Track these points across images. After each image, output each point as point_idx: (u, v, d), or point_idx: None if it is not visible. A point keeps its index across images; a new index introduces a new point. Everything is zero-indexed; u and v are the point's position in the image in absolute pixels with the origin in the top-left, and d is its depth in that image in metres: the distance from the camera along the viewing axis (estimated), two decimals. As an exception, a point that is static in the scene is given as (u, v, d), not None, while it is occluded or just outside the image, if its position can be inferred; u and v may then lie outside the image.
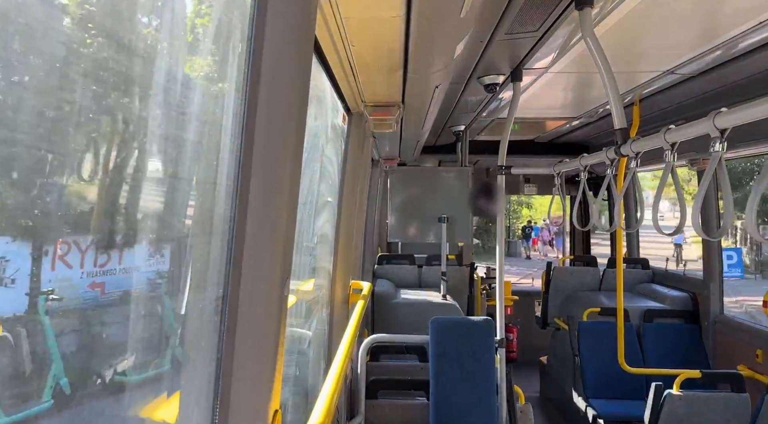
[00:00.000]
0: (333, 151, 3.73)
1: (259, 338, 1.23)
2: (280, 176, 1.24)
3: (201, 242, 1.40)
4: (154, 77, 1.26)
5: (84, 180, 1.12)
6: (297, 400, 3.27)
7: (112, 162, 1.18)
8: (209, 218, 1.40)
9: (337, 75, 2.76)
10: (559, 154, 6.55)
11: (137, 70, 1.20)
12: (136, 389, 1.27)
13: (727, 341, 5.34)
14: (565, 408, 6.33)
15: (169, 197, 1.36)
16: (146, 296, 1.35)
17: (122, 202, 1.23)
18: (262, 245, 1.22)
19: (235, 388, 1.20)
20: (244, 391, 1.21)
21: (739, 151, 4.85)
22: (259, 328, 1.23)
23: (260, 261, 1.22)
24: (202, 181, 1.46)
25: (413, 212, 6.23)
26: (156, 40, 1.27)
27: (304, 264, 3.39)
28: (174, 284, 1.40)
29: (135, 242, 1.27)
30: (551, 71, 3.96)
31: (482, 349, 4.10)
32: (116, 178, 1.20)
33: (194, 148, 1.44)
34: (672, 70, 3.81)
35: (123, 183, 1.22)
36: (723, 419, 4.03)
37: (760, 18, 2.82)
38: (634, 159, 2.75)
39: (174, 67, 1.36)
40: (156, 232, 1.33)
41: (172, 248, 1.38)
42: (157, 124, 1.28)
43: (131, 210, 1.26)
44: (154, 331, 1.39)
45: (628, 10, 2.75)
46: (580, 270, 7.77)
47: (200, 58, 1.49)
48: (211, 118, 1.49)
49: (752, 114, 1.90)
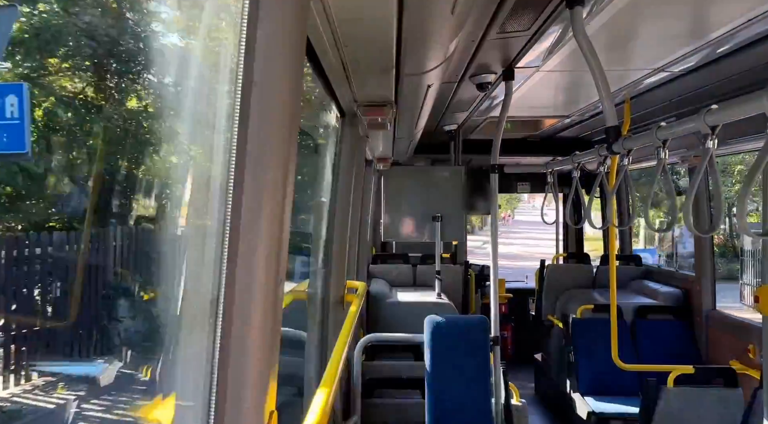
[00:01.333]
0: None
1: (254, 338, 1.24)
2: (274, 177, 1.25)
3: (196, 242, 1.40)
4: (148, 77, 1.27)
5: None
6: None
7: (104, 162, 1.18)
8: (204, 218, 1.41)
9: (330, 76, 2.76)
10: (552, 153, 6.58)
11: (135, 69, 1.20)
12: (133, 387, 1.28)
13: (719, 337, 5.38)
14: (559, 405, 6.35)
15: (164, 198, 1.36)
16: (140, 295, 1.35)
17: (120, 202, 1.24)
18: (257, 246, 1.22)
19: (230, 389, 1.20)
20: (239, 392, 1.21)
21: (730, 148, 4.89)
22: (255, 328, 1.24)
23: (255, 261, 1.22)
24: (195, 182, 1.46)
25: (407, 211, 6.23)
26: (150, 38, 1.28)
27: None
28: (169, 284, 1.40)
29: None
30: (543, 70, 3.98)
31: (477, 347, 4.11)
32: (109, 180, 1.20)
33: (187, 149, 1.45)
34: (662, 67, 3.84)
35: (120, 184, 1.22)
36: (716, 413, 4.06)
37: (749, 15, 2.84)
38: (626, 156, 2.77)
39: (167, 67, 1.36)
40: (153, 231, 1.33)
41: (167, 249, 1.38)
42: (152, 123, 1.28)
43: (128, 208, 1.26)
44: (150, 331, 1.39)
45: (619, 8, 2.76)
46: (573, 267, 7.80)
47: (192, 57, 1.49)
48: (204, 119, 1.49)
49: (742, 111, 1.92)
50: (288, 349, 3.30)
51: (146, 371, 1.30)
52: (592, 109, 5.47)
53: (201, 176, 1.46)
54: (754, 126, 3.84)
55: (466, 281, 7.16)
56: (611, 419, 5.08)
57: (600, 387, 5.45)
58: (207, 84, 1.53)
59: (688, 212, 2.28)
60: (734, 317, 5.38)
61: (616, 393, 5.36)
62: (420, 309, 5.47)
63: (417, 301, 5.92)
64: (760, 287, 3.31)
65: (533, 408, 6.60)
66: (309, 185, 4.56)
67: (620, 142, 2.69)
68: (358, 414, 4.07)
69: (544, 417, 6.70)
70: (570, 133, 6.97)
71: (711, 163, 2.06)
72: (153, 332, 1.34)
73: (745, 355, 4.64)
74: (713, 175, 2.08)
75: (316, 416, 2.03)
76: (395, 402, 4.22)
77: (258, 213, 1.22)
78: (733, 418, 3.97)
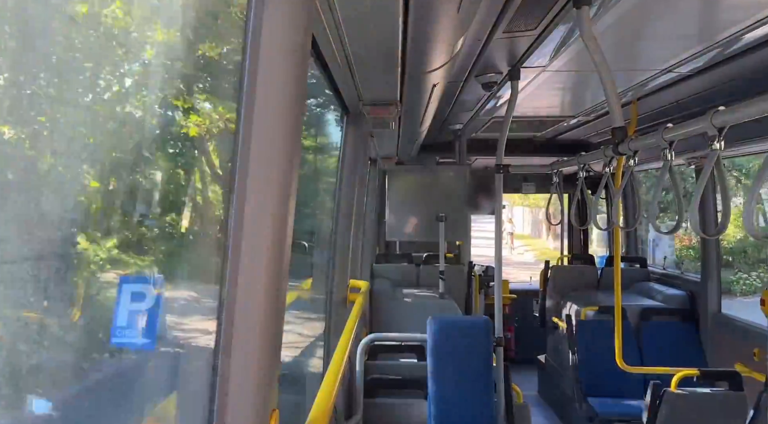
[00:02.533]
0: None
1: (256, 336, 1.23)
2: (277, 175, 1.24)
3: (200, 241, 1.40)
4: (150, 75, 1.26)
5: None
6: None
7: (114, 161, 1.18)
8: (207, 217, 1.40)
9: (335, 74, 2.76)
10: (558, 153, 6.55)
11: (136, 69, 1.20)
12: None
13: (724, 340, 5.35)
14: (563, 407, 6.34)
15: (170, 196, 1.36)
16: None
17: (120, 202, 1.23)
18: (260, 245, 1.22)
19: (233, 387, 1.20)
20: (242, 390, 1.21)
21: (738, 150, 4.86)
22: (257, 327, 1.23)
23: (258, 260, 1.21)
24: (200, 180, 1.46)
25: (411, 210, 6.22)
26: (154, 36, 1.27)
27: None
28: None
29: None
30: (549, 70, 3.96)
31: (480, 348, 4.10)
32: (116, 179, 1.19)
33: (191, 146, 1.44)
34: (670, 68, 3.81)
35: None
36: (720, 417, 4.04)
37: (758, 16, 2.81)
38: (632, 158, 2.75)
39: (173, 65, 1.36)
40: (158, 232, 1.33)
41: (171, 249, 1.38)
42: (156, 121, 1.28)
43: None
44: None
45: (626, 8, 2.75)
46: (578, 268, 7.77)
47: (199, 55, 1.48)
48: (209, 117, 1.49)
49: (750, 112, 1.90)
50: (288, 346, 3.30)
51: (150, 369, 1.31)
52: (598, 109, 5.45)
53: (205, 174, 1.45)
54: (762, 128, 3.82)
55: (470, 281, 7.15)
56: (614, 421, 5.06)
57: (603, 389, 5.43)
58: (212, 81, 1.52)
59: (695, 213, 2.27)
60: (740, 320, 5.35)
61: (619, 395, 5.34)
62: (423, 309, 5.46)
63: (420, 301, 5.90)
64: (767, 290, 3.29)
65: (536, 409, 6.59)
66: (312, 183, 4.56)
67: (626, 144, 2.68)
68: (360, 414, 4.07)
69: (547, 419, 6.68)
70: (576, 134, 6.95)
71: (718, 164, 2.05)
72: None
73: (751, 358, 4.61)
74: (720, 177, 2.06)
75: (318, 415, 2.03)
76: (397, 402, 4.22)
77: (262, 211, 1.22)
78: (738, 421, 3.95)
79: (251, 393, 1.22)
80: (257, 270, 1.22)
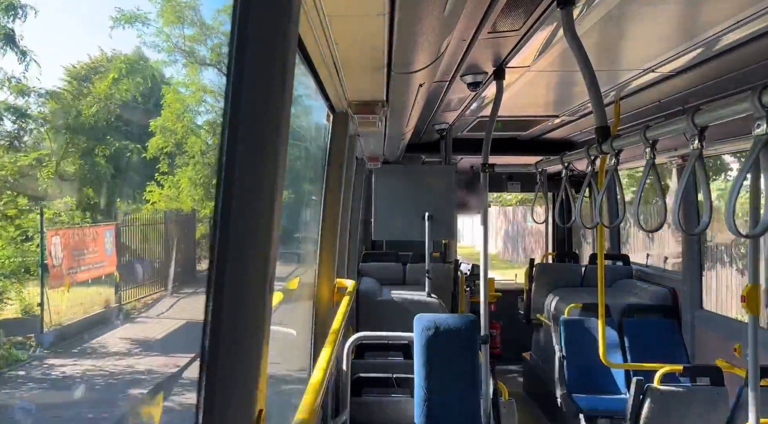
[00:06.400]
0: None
1: (243, 337, 1.23)
2: (264, 176, 1.24)
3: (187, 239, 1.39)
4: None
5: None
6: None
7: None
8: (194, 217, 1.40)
9: (322, 74, 2.76)
10: (542, 152, 6.60)
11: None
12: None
13: (705, 336, 5.43)
14: (548, 403, 6.39)
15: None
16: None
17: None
18: (247, 245, 1.22)
19: (219, 387, 1.19)
20: (228, 390, 1.21)
21: (719, 149, 4.93)
22: (244, 327, 1.23)
23: (245, 261, 1.21)
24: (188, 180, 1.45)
25: (397, 210, 6.23)
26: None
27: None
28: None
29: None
30: (533, 70, 3.99)
31: (466, 345, 4.12)
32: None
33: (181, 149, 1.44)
34: (652, 68, 3.86)
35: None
36: (702, 411, 4.10)
37: (738, 17, 2.86)
38: (615, 157, 2.78)
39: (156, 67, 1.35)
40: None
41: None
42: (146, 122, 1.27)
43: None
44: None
45: (609, 8, 2.78)
46: (562, 266, 7.83)
47: (183, 57, 1.48)
48: (195, 119, 1.48)
49: (730, 112, 1.93)
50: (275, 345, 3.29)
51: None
52: (582, 109, 5.50)
53: (193, 174, 1.45)
54: (743, 127, 3.87)
55: (456, 279, 7.18)
56: (599, 417, 5.11)
57: (588, 385, 5.48)
58: (197, 83, 1.52)
59: (676, 211, 2.30)
60: (721, 317, 5.43)
61: (603, 391, 5.39)
62: (409, 308, 5.48)
63: (407, 299, 5.92)
64: (747, 287, 3.34)
65: (521, 406, 6.63)
66: (299, 183, 4.55)
67: (609, 143, 2.71)
68: (347, 412, 4.07)
69: (533, 415, 6.73)
70: (560, 133, 7.00)
71: (699, 163, 2.08)
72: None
73: (731, 353, 4.69)
74: (702, 175, 2.09)
75: (305, 414, 2.03)
76: (384, 400, 4.23)
77: (248, 212, 1.22)
78: (719, 416, 4.01)
79: (239, 393, 1.22)
80: (244, 270, 1.22)
